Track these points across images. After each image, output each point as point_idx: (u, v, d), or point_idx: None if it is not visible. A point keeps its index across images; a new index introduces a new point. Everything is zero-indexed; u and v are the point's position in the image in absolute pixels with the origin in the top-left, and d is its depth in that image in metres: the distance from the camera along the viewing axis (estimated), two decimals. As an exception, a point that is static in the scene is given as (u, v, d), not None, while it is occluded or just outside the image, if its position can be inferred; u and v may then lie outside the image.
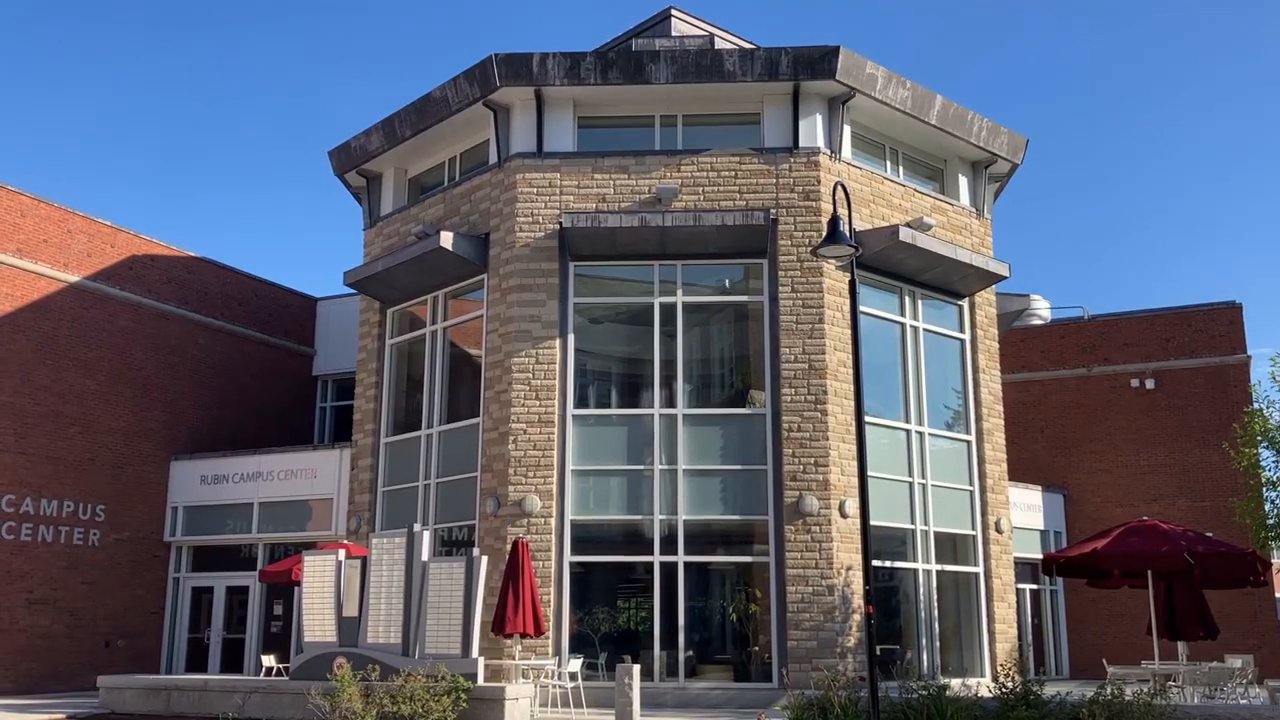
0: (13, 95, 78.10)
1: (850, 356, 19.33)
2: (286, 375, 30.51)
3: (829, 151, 20.74)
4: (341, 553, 17.83)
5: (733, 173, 20.52)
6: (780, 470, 19.44)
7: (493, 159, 21.52)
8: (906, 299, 21.74)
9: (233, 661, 25.83)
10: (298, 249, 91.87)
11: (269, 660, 20.91)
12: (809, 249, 19.96)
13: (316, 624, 17.41)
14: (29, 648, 23.43)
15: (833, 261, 19.75)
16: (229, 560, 26.70)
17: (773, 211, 20.23)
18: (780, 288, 20.09)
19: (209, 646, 26.27)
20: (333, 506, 24.95)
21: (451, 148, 23.23)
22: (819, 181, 20.39)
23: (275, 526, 25.81)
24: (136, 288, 26.54)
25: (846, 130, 21.13)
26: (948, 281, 22.04)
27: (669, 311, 20.43)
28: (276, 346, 30.30)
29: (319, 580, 17.57)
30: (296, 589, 20.62)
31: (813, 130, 20.74)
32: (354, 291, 25.04)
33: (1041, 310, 32.27)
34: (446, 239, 20.67)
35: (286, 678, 17.86)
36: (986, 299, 23.03)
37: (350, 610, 17.20)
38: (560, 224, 20.17)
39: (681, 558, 19.39)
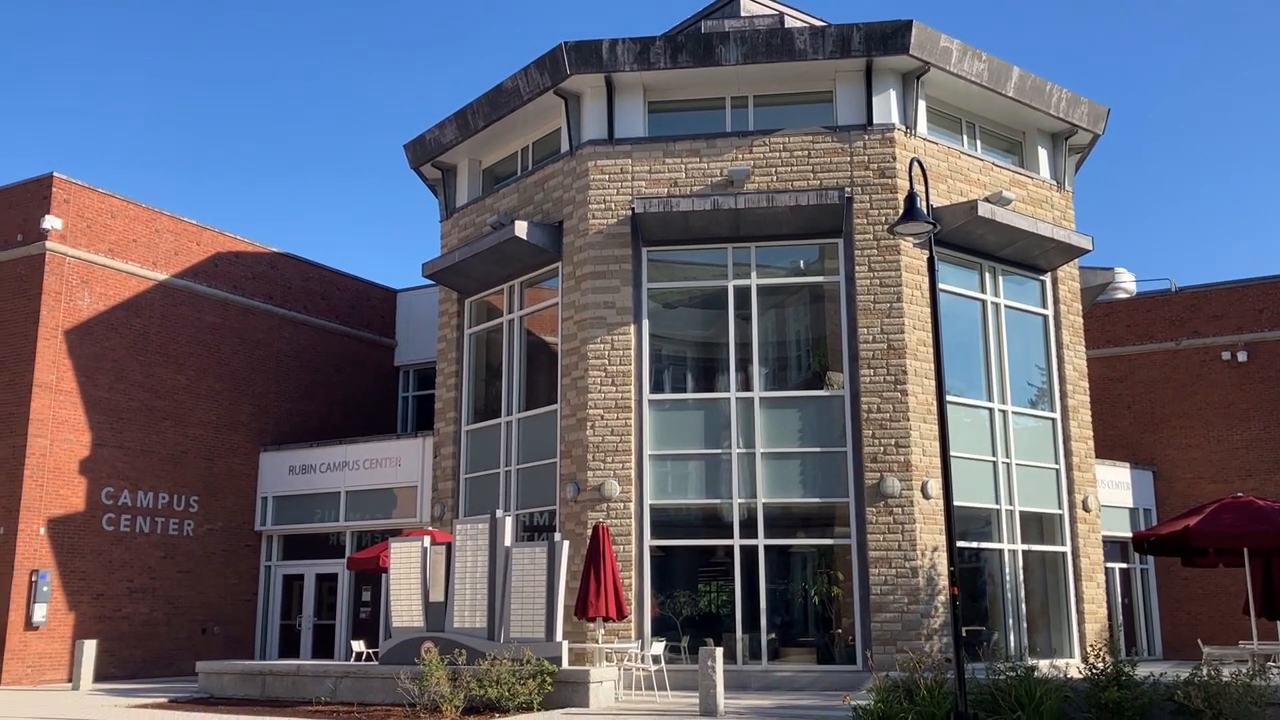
0: (97, 98, 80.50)
1: (930, 335, 19.09)
2: (369, 366, 31.08)
3: (904, 127, 20.44)
4: (426, 539, 18.15)
5: (806, 152, 20.34)
6: (860, 452, 19.29)
7: (564, 147, 21.61)
8: (987, 275, 21.37)
9: (323, 647, 26.47)
10: (378, 243, 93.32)
11: (358, 645, 21.38)
12: (885, 227, 19.72)
13: (404, 609, 17.75)
14: (132, 634, 24.26)
15: (910, 239, 19.37)
16: (318, 548, 27.34)
17: (847, 190, 20.01)
18: (857, 267, 19.89)
19: (300, 632, 26.93)
20: (417, 494, 25.38)
21: (524, 137, 23.39)
22: (894, 158, 20.12)
23: (362, 514, 26.36)
24: (222, 284, 27.23)
25: (921, 105, 20.80)
26: (1029, 256, 21.60)
27: (743, 294, 20.36)
28: (359, 338, 30.87)
29: (405, 566, 17.91)
30: (383, 575, 21.05)
31: (887, 106, 20.46)
32: (433, 283, 25.40)
33: (1127, 283, 31.44)
34: (521, 228, 20.83)
35: (376, 662, 18.25)
36: (1069, 273, 22.53)
37: (436, 595, 17.52)
38: (633, 210, 20.20)
39: (762, 541, 19.35)
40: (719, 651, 14.93)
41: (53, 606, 22.75)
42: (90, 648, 21.10)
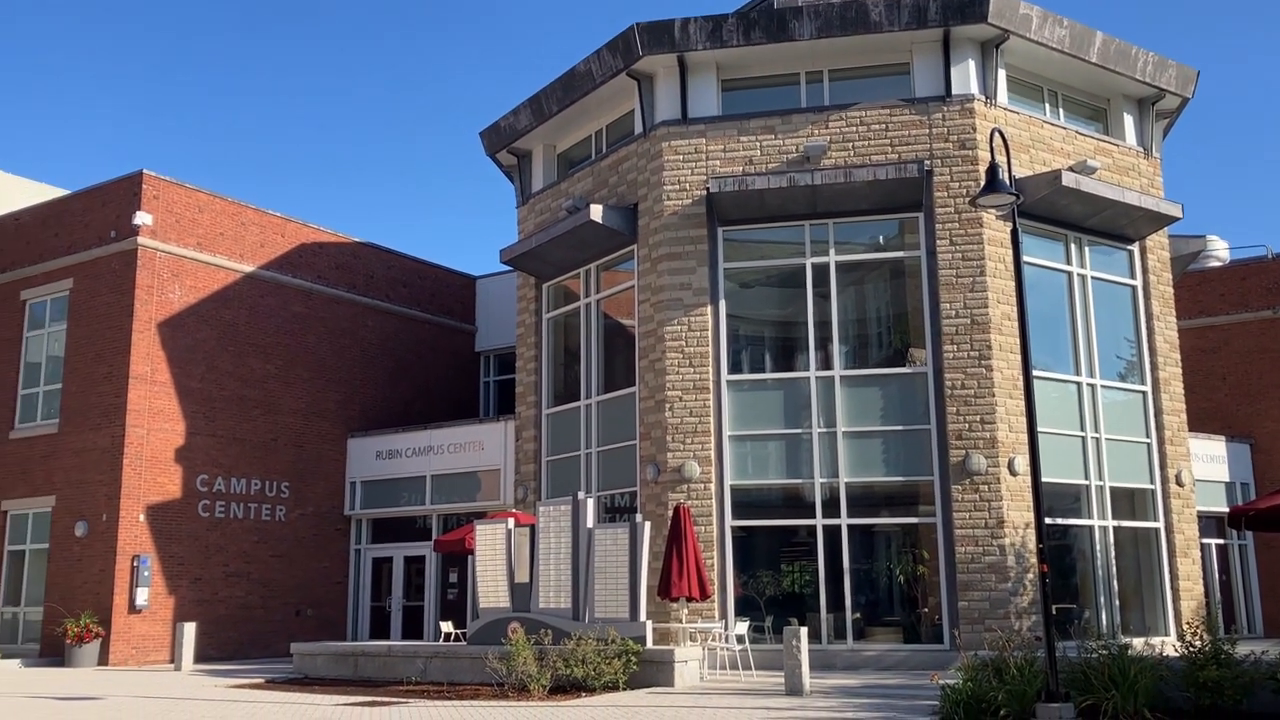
0: (189, 101, 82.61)
1: (1014, 309, 18.72)
2: (450, 352, 31.51)
3: (984, 97, 20.02)
4: (510, 521, 18.37)
5: (883, 125, 20.05)
6: (944, 429, 19.02)
7: (638, 129, 21.60)
8: (1072, 246, 20.88)
9: (412, 628, 26.99)
10: (457, 230, 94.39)
11: (447, 626, 21.75)
12: (967, 199, 19.37)
13: (490, 590, 18.01)
14: (228, 617, 25.01)
15: (992, 211, 19.12)
16: (405, 531, 27.85)
17: (927, 163, 19.68)
18: (938, 241, 19.57)
19: (390, 614, 27.50)
20: (500, 477, 25.71)
21: (597, 120, 23.42)
22: (974, 129, 19.73)
23: (447, 498, 26.77)
24: (307, 274, 27.80)
25: (1001, 74, 20.34)
26: (1116, 226, 21.04)
27: (822, 271, 20.17)
28: (440, 325, 31.30)
29: (490, 548, 18.16)
30: (470, 557, 21.37)
31: (965, 76, 20.05)
32: (510, 268, 25.62)
33: (1219, 251, 30.44)
34: (596, 212, 20.89)
35: (464, 643, 18.55)
36: (1158, 242, 21.89)
37: (521, 577, 17.74)
38: (708, 189, 20.11)
39: (845, 520, 19.22)
40: (804, 631, 14.88)
41: (154, 590, 23.54)
42: (190, 630, 21.79)
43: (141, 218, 24.26)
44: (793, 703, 13.65)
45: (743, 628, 18.06)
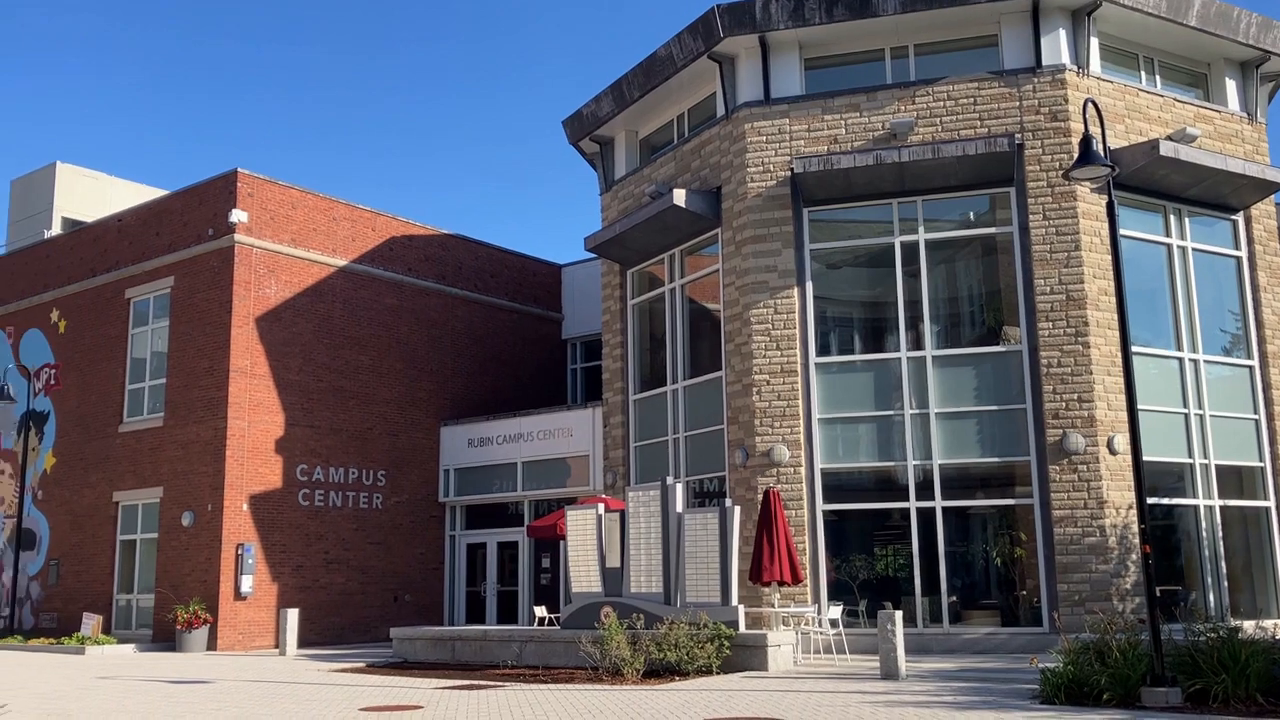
0: (279, 102, 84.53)
1: (1112, 284, 18.21)
2: (538, 340, 31.81)
3: (1075, 67, 19.46)
4: (600, 507, 18.50)
5: (971, 99, 19.62)
6: (1040, 408, 18.61)
7: (720, 111, 21.48)
8: (1171, 218, 20.21)
9: (507, 612, 27.39)
10: (542, 220, 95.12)
11: (540, 611, 22.02)
12: (1060, 173, 18.88)
13: (582, 575, 18.17)
14: (329, 603, 25.66)
15: (1087, 184, 18.61)
16: (498, 517, 28.24)
17: (1018, 136, 19.22)
18: (1030, 216, 19.12)
19: (485, 599, 27.94)
20: (589, 463, 25.90)
21: (679, 105, 23.35)
22: (1067, 100, 19.20)
23: (537, 484, 27.07)
24: (398, 267, 28.29)
25: (1094, 43, 19.74)
26: (1218, 195, 20.30)
27: (911, 250, 19.85)
28: (527, 314, 31.61)
29: (581, 534, 18.32)
30: (561, 542, 21.59)
31: (1056, 46, 19.51)
32: (595, 256, 25.73)
33: (1331, 218, 29.15)
34: (679, 196, 20.84)
35: (557, 627, 18.76)
36: (1265, 211, 21.06)
37: (613, 561, 17.86)
38: (792, 170, 19.92)
39: (939, 503, 18.94)
40: (899, 615, 14.72)
41: (257, 578, 24.26)
42: (293, 616, 22.42)
43: (237, 215, 24.93)
44: (888, 686, 13.52)
45: (836, 612, 17.94)
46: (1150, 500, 15.23)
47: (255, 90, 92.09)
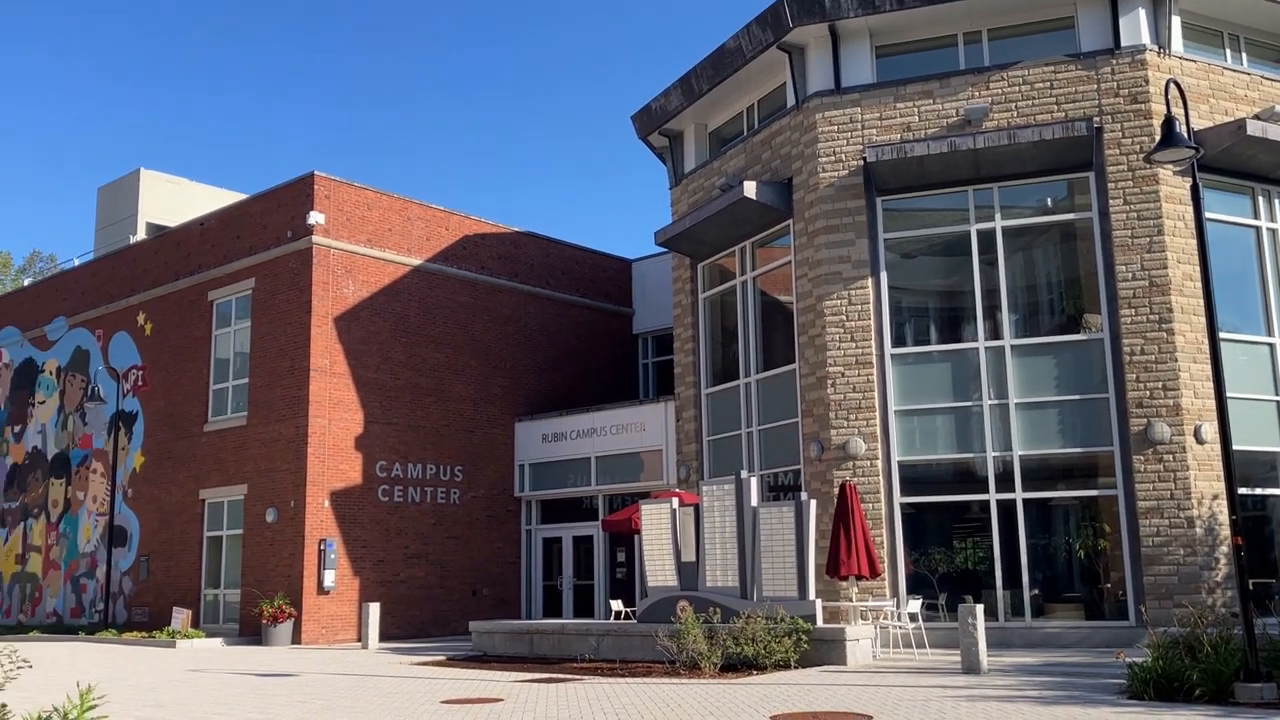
0: (352, 105, 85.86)
1: (1197, 269, 17.75)
2: (609, 335, 31.92)
3: (1156, 47, 18.96)
4: (675, 501, 18.50)
5: (1048, 83, 19.23)
6: (1124, 397, 18.19)
7: (790, 102, 21.33)
8: (1260, 199, 19.60)
9: (583, 606, 27.56)
10: (612, 216, 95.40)
11: (616, 605, 22.11)
12: (1141, 156, 18.42)
13: (657, 569, 18.21)
14: (410, 597, 26.07)
15: (1169, 167, 18.13)
16: (573, 511, 28.43)
17: (1096, 120, 18.78)
18: (1111, 201, 18.68)
19: (562, 592, 28.15)
20: (662, 457, 25.93)
21: (748, 96, 23.24)
22: (1147, 81, 18.72)
23: (611, 478, 27.18)
24: (471, 265, 28.60)
25: (1175, 21, 19.21)
26: (1309, 175, 19.63)
27: (987, 238, 19.53)
28: (598, 309, 31.74)
29: (656, 528, 18.35)
30: (636, 537, 21.65)
31: (1135, 26, 19.02)
32: (665, 250, 25.73)
33: None
34: (750, 188, 20.75)
35: (633, 621, 18.82)
36: (1360, 190, 20.30)
37: (688, 556, 17.86)
38: (864, 159, 19.71)
39: (1020, 494, 18.62)
40: (979, 608, 14.51)
41: (339, 572, 24.72)
42: (374, 610, 22.81)
43: (315, 217, 25.39)
44: (970, 681, 13.34)
45: (915, 606, 17.74)
46: (1241, 490, 14.80)
47: (328, 96, 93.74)
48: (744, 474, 17.43)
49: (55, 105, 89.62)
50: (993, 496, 18.75)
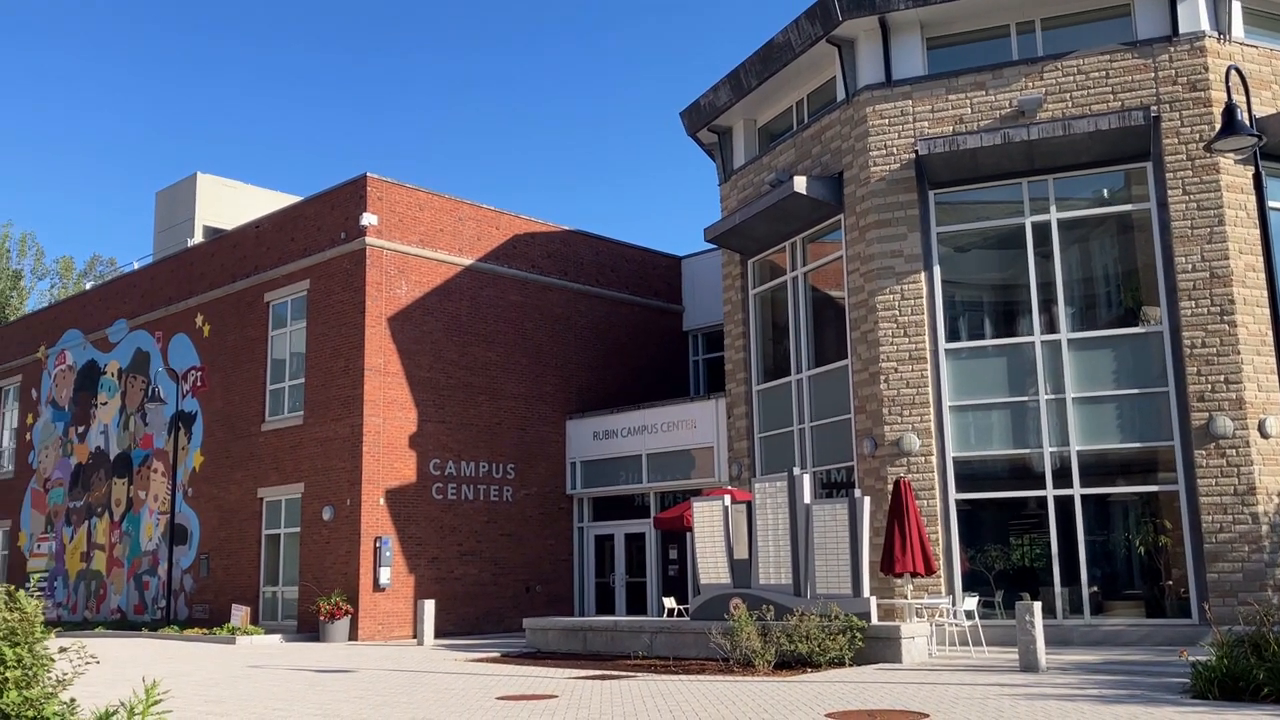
0: (405, 106, 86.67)
1: (1260, 259, 17.40)
2: (659, 332, 31.93)
3: (1216, 33, 18.57)
4: (727, 498, 18.46)
5: (1103, 72, 18.91)
6: (1184, 391, 17.85)
7: (840, 96, 21.18)
8: (1325, 187, 19.12)
9: (636, 603, 27.60)
10: (661, 213, 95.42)
11: (669, 602, 22.12)
12: (1201, 145, 18.05)
13: (709, 566, 18.18)
14: (464, 594, 26.27)
15: (1230, 155, 17.61)
16: (624, 509, 28.48)
17: (1154, 109, 18.45)
18: (1169, 191, 18.33)
19: (614, 590, 28.20)
20: (713, 454, 25.89)
21: (798, 91, 23.12)
22: (1206, 69, 18.34)
23: (662, 475, 27.19)
24: (522, 264, 28.74)
25: (1235, 6, 18.81)
26: (1377, 161, 19.11)
27: (1042, 230, 19.25)
28: (648, 306, 31.75)
29: (708, 525, 18.32)
30: (688, 534, 21.65)
31: (1194, 12, 18.64)
32: (715, 247, 25.67)
33: None
34: (800, 183, 20.64)
35: (686, 618, 18.81)
36: None
37: (740, 553, 17.82)
38: (916, 152, 19.52)
39: (1078, 490, 18.35)
40: (1037, 606, 14.32)
41: (395, 569, 24.98)
42: (429, 607, 23.00)
43: (368, 219, 25.66)
44: (1028, 679, 13.17)
45: (972, 603, 17.55)
46: (1308, 486, 14.43)
47: (380, 98, 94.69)
48: (796, 471, 17.35)
49: (114, 111, 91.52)
50: (1050, 492, 18.50)
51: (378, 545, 24.69)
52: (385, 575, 24.64)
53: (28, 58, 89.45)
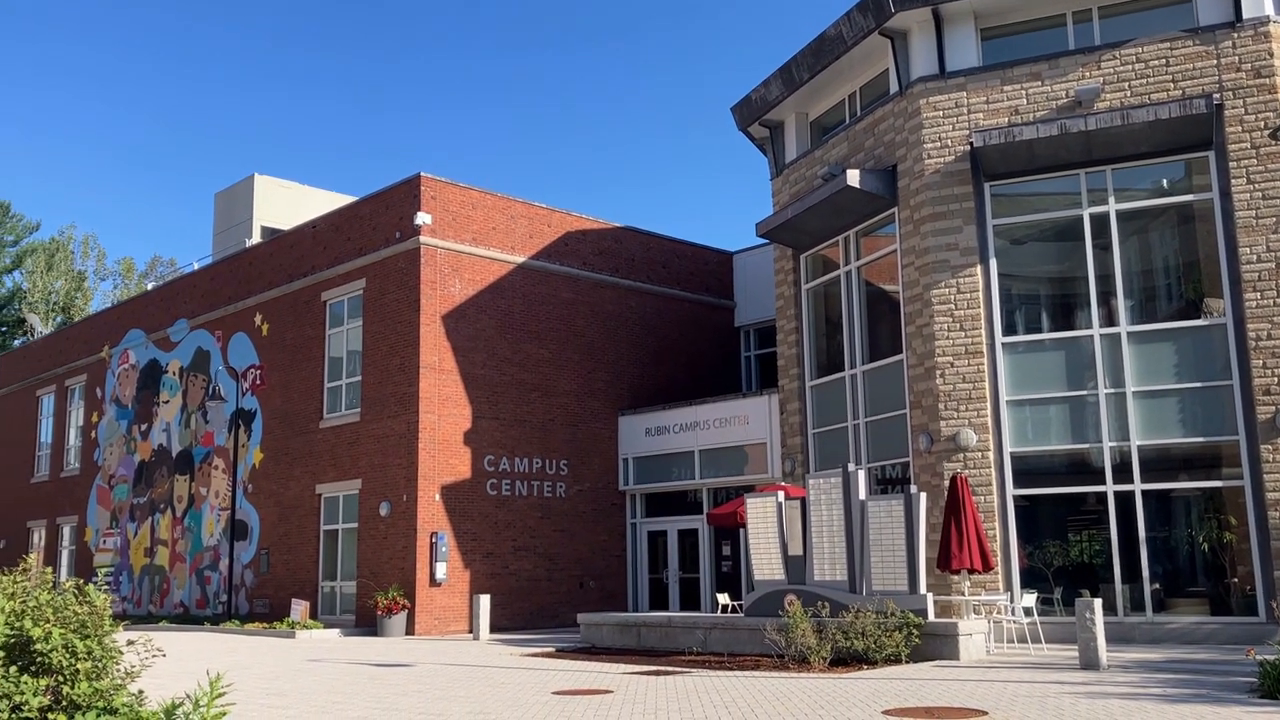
0: (458, 107, 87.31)
1: (1327, 249, 16.97)
2: (711, 328, 31.87)
3: (1281, 18, 18.13)
4: (780, 494, 18.39)
5: (1163, 60, 18.55)
6: (1249, 384, 17.47)
7: (893, 88, 20.99)
8: (1397, 174, 18.58)
9: (689, 599, 27.59)
10: (712, 209, 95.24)
11: (723, 598, 22.09)
12: (1266, 132, 17.66)
13: (763, 563, 18.13)
14: (518, 589, 26.45)
15: (1296, 143, 17.32)
16: (677, 505, 28.48)
17: (1216, 97, 18.06)
18: (1233, 181, 17.94)
19: (668, 585, 28.22)
20: (766, 450, 25.80)
21: (850, 84, 22.94)
22: (1271, 54, 17.92)
23: (715, 472, 27.15)
24: (573, 261, 28.84)
25: (1301, -11, 18.34)
26: None
27: (1101, 222, 18.94)
28: (699, 302, 31.71)
29: (762, 522, 18.26)
30: (741, 530, 21.60)
31: (1258, -4, 18.22)
32: (766, 242, 25.56)
33: None
34: (853, 177, 20.48)
35: (740, 614, 18.76)
36: None
37: (795, 549, 17.74)
38: (971, 144, 19.29)
39: (1138, 486, 18.04)
40: (1098, 603, 14.10)
41: (450, 565, 25.21)
42: (485, 601, 23.18)
43: (422, 218, 25.90)
44: (1089, 677, 12.98)
45: (1030, 600, 17.33)
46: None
47: (431, 99, 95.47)
48: (851, 467, 17.23)
49: (173, 115, 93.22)
50: (1110, 488, 18.20)
51: (434, 541, 24.92)
52: (441, 570, 24.87)
53: (92, 64, 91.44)
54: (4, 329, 61.19)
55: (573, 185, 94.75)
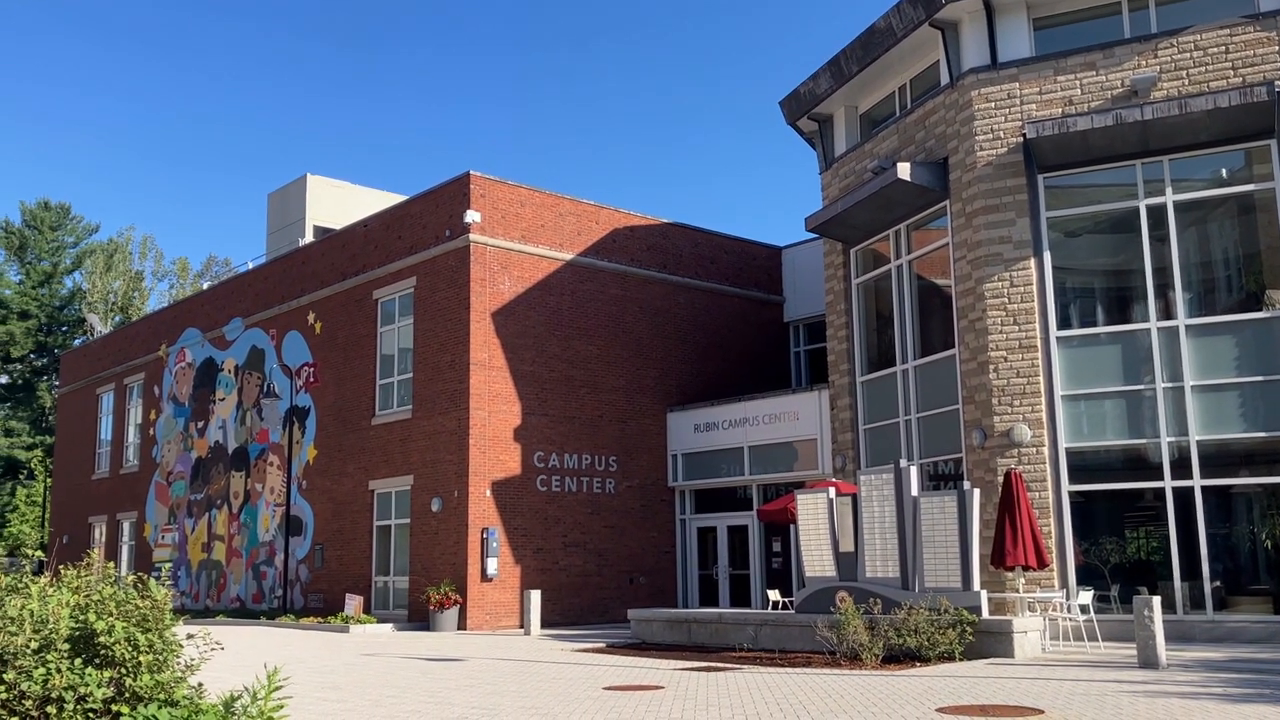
0: (505, 107, 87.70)
1: (1395, 238, 16.53)
2: (759, 324, 31.75)
3: (1345, 2, 17.68)
4: (831, 491, 18.28)
5: (1222, 48, 18.16)
6: (1313, 377, 17.06)
7: (944, 80, 20.75)
8: None
9: (739, 595, 27.52)
10: (760, 204, 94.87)
11: (774, 595, 21.99)
12: (1329, 120, 17.21)
13: (815, 559, 18.03)
14: (568, 584, 26.55)
15: (1361, 130, 16.90)
16: (726, 501, 28.42)
17: (1278, 84, 17.64)
18: (1294, 170, 17.52)
19: (718, 582, 28.18)
20: (816, 446, 25.65)
21: (900, 76, 22.72)
22: (1335, 39, 17.47)
23: (765, 468, 27.05)
24: (621, 258, 28.86)
25: (1367, -28, 17.87)
26: None
27: (1158, 214, 18.59)
28: (748, 298, 31.59)
29: (813, 518, 18.17)
30: (792, 526, 21.50)
31: (1321, -19, 17.77)
32: (816, 236, 25.40)
33: None
34: (904, 170, 20.29)
35: (791, 611, 18.69)
36: None
37: (846, 546, 17.62)
38: (1024, 135, 19.03)
39: (1198, 481, 17.70)
40: (1156, 600, 13.88)
41: (501, 560, 25.36)
42: (536, 597, 23.30)
43: (471, 216, 26.06)
44: (1148, 675, 12.77)
45: (1086, 597, 17.09)
46: None
47: (477, 96, 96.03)
48: (903, 463, 17.09)
49: (227, 117, 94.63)
50: (1168, 484, 17.88)
51: (485, 536, 25.08)
52: (492, 566, 25.03)
53: (151, 71, 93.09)
54: (65, 329, 62.54)
55: (621, 181, 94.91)
